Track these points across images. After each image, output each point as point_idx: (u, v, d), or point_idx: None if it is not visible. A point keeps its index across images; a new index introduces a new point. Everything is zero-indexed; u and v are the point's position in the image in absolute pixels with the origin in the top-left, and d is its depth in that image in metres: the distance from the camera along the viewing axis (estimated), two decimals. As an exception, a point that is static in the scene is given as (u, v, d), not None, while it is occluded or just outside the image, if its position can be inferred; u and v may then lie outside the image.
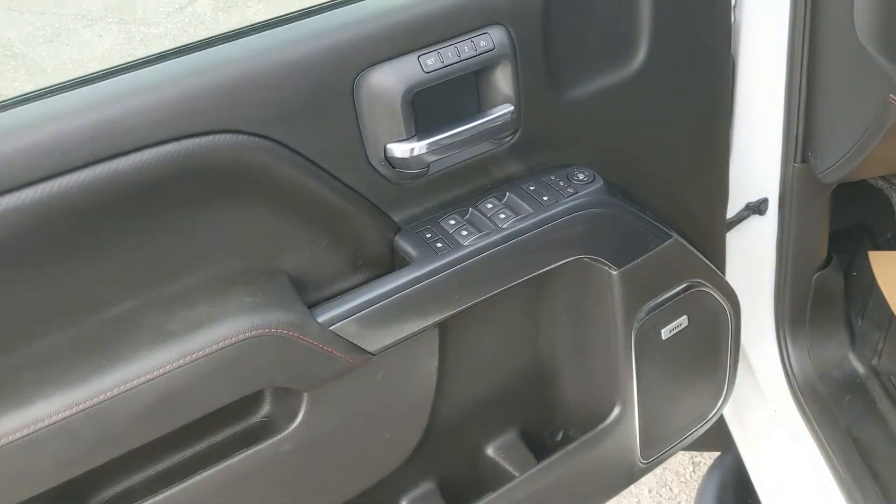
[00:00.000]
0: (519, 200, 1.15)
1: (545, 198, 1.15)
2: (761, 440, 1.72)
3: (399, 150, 1.05)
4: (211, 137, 0.93)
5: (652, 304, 1.28)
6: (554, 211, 1.13)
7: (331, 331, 1.01)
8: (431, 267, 1.07)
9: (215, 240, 1.00)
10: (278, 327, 0.97)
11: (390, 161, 1.06)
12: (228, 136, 0.94)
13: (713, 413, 1.49)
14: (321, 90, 0.98)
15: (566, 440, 1.42)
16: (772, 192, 1.56)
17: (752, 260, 1.60)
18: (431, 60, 1.02)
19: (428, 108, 1.06)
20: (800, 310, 1.62)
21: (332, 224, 1.07)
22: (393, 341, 1.06)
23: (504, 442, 1.38)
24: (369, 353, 1.05)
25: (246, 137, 0.95)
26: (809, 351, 1.62)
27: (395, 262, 1.13)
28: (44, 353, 0.93)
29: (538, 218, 1.13)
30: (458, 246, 1.09)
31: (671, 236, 1.26)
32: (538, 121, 1.15)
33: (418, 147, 1.04)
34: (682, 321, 1.33)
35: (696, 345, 1.38)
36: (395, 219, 1.12)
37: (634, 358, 1.29)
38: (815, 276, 1.59)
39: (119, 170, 0.89)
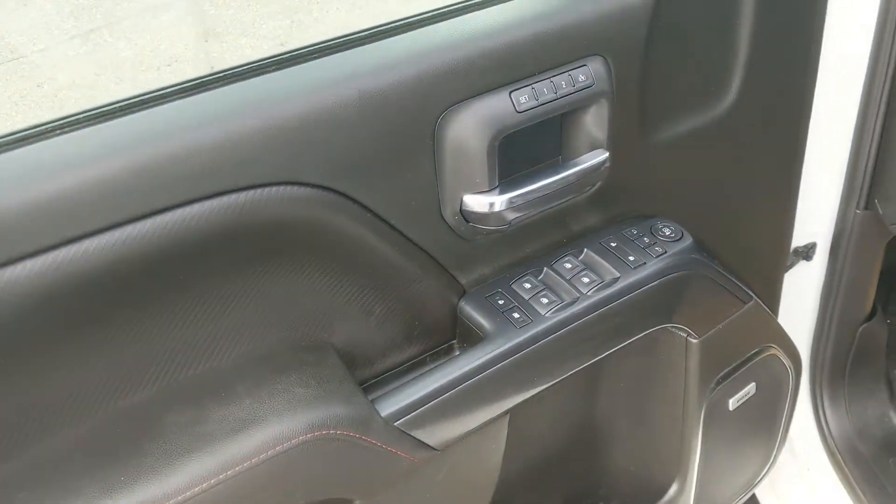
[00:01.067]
0: (600, 260, 0.98)
1: (631, 258, 0.98)
2: (789, 495, 1.60)
3: (478, 203, 0.86)
4: (264, 191, 0.73)
5: (725, 371, 1.13)
6: (642, 275, 0.97)
7: (396, 427, 0.82)
8: (510, 345, 0.89)
9: (255, 312, 0.80)
10: (339, 427, 0.78)
11: (465, 215, 0.87)
12: (286, 189, 0.74)
13: (760, 478, 1.36)
14: (398, 131, 0.79)
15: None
16: (822, 237, 1.43)
17: (792, 309, 1.47)
18: (525, 97, 0.84)
19: (506, 153, 0.88)
20: (840, 363, 1.50)
21: (392, 288, 0.88)
22: (461, 434, 0.88)
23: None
24: (434, 448, 0.86)
25: (307, 190, 0.76)
26: (847, 408, 1.51)
27: (458, 330, 0.95)
28: (42, 462, 0.71)
29: (626, 283, 0.96)
30: (539, 317, 0.91)
31: (752, 298, 1.11)
32: (625, 166, 0.98)
33: (500, 202, 0.86)
34: (751, 389, 1.19)
35: (760, 412, 1.24)
36: (461, 281, 0.93)
37: (701, 434, 1.14)
38: (860, 328, 1.48)
39: (141, 233, 0.69)
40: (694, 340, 1.06)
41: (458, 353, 0.96)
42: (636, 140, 0.98)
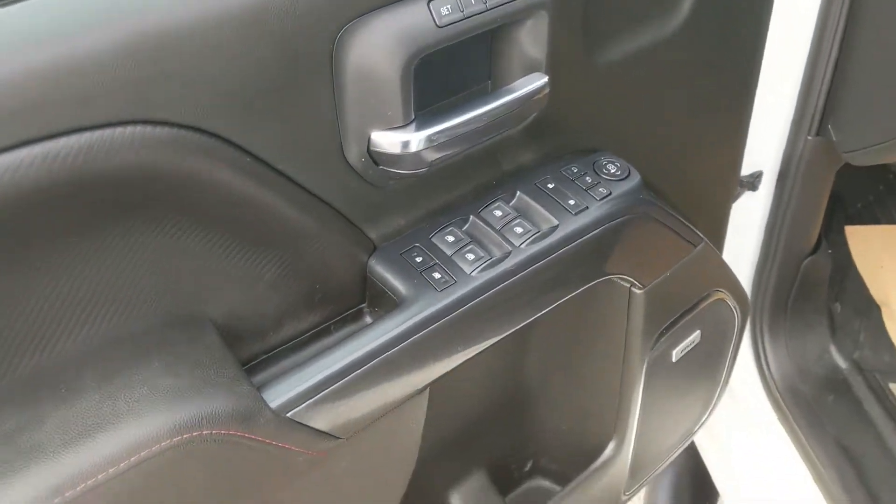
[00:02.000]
0: (536, 205, 0.83)
1: (571, 201, 0.83)
2: (728, 439, 1.53)
3: (389, 142, 0.70)
4: (105, 133, 0.55)
5: (670, 321, 1.01)
6: (584, 222, 0.83)
7: (288, 418, 0.68)
8: (429, 312, 0.74)
9: (108, 282, 0.63)
10: (216, 425, 0.63)
11: (374, 157, 0.71)
12: (139, 130, 0.57)
13: (698, 426, 1.27)
14: (285, 53, 0.61)
15: (540, 473, 1.16)
16: (768, 166, 1.32)
17: (735, 243, 1.36)
18: (447, 8, 0.67)
19: (424, 78, 0.72)
20: (781, 300, 1.41)
21: (284, 247, 0.71)
22: (370, 419, 0.74)
23: (471, 488, 1.09)
24: (337, 437, 0.72)
25: (166, 131, 0.58)
26: (787, 346, 1.42)
27: (368, 293, 0.80)
28: None
29: (565, 233, 0.81)
30: (463, 276, 0.77)
31: (701, 240, 0.99)
32: (566, 92, 0.83)
33: (416, 139, 0.70)
34: (696, 337, 1.08)
35: (703, 359, 1.14)
36: (371, 235, 0.77)
37: (642, 389, 1.03)
38: (804, 262, 1.38)
39: None
40: (638, 291, 0.93)
41: (368, 319, 0.81)
42: (578, 60, 0.82)
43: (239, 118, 0.61)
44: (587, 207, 0.83)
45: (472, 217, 0.81)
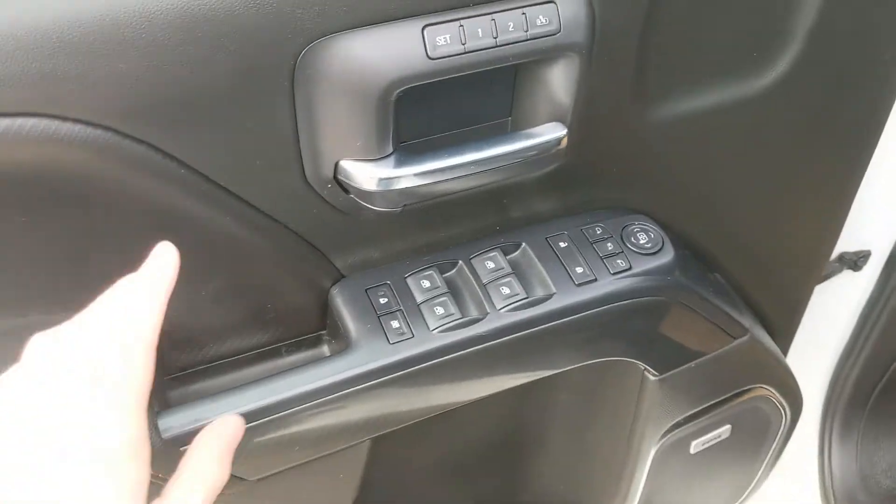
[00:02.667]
0: (538, 264, 0.73)
1: (578, 269, 0.72)
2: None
3: (360, 174, 0.61)
4: (11, 122, 0.50)
5: (690, 413, 0.89)
6: (585, 298, 0.72)
7: (181, 452, 0.62)
8: (374, 365, 0.66)
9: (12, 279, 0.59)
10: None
11: (343, 184, 0.63)
12: (58, 125, 0.51)
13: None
14: (237, 60, 0.54)
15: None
16: (878, 245, 1.14)
17: (821, 325, 1.19)
18: (445, 38, 0.57)
19: (421, 102, 0.62)
20: (861, 396, 1.24)
21: (230, 265, 0.65)
22: (284, 467, 0.67)
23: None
24: (245, 479, 0.66)
25: (79, 128, 0.52)
26: (858, 450, 1.25)
27: (329, 322, 0.72)
28: None
29: (560, 306, 0.71)
30: (423, 333, 0.68)
31: (746, 332, 0.85)
32: (599, 144, 0.71)
33: (391, 177, 0.61)
34: (724, 431, 0.95)
35: (731, 456, 1.01)
36: (337, 262, 0.70)
37: (647, 474, 0.92)
38: None
39: None
40: (653, 378, 0.81)
41: (325, 348, 0.74)
42: (624, 114, 0.70)
43: (174, 127, 0.54)
44: (594, 280, 0.72)
45: (460, 262, 0.72)
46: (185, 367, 0.70)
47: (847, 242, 1.13)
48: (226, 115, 0.55)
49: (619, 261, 0.73)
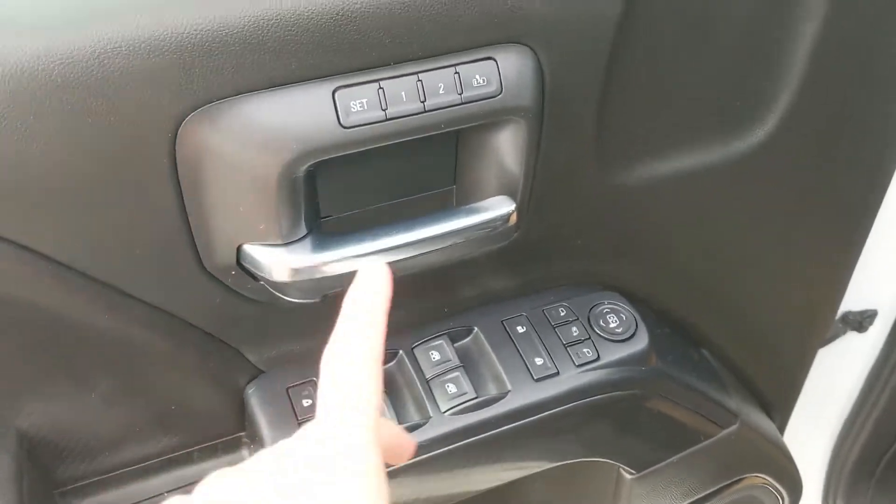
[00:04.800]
0: (491, 354, 0.63)
1: (538, 360, 0.62)
2: None
3: (269, 261, 0.51)
4: None
5: (673, 509, 0.78)
6: (545, 396, 0.61)
7: None
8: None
9: None
10: None
11: (249, 271, 0.53)
12: None
13: None
14: (98, 136, 0.44)
15: None
16: (885, 304, 1.04)
17: (822, 392, 1.09)
18: (361, 104, 0.47)
19: (341, 168, 0.53)
20: (869, 462, 1.13)
21: (117, 363, 0.55)
22: None
23: None
24: None
25: None
26: None
27: (247, 423, 0.62)
28: None
29: (517, 406, 0.61)
30: None
31: (735, 419, 0.75)
32: (559, 214, 0.61)
33: (310, 266, 0.51)
34: (713, 524, 0.84)
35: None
36: (251, 357, 0.60)
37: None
38: None
39: None
40: (630, 476, 0.71)
41: (245, 452, 0.64)
42: (585, 180, 0.60)
43: (30, 216, 0.45)
44: (556, 374, 0.62)
45: (400, 353, 0.62)
46: (78, 478, 0.60)
47: (851, 301, 1.03)
48: (93, 200, 0.46)
49: (585, 349, 0.63)
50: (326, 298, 0.54)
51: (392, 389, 0.60)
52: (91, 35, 0.41)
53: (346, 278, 0.53)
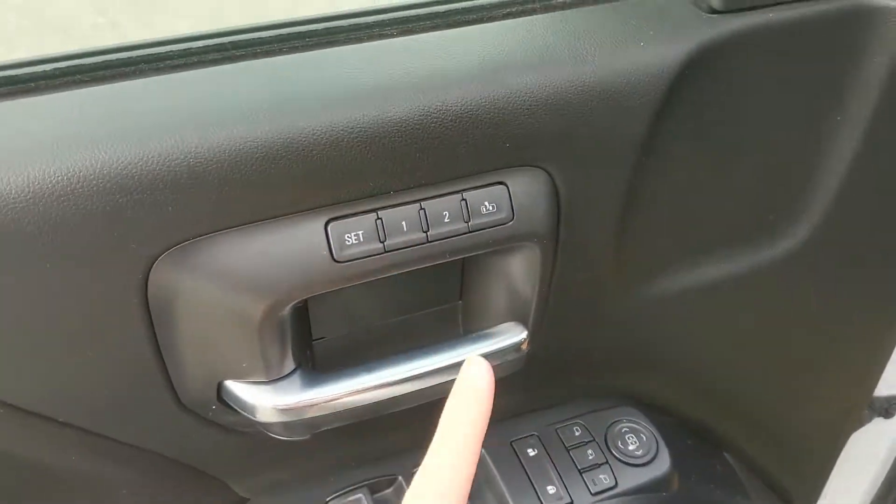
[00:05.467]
0: (499, 482, 0.57)
1: (550, 488, 0.57)
2: None
3: (252, 400, 0.46)
4: None
5: None
6: None
7: None
8: None
9: None
10: None
11: (232, 405, 0.48)
12: None
13: None
14: (66, 283, 0.39)
15: None
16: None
17: (849, 475, 1.03)
18: (356, 237, 0.42)
19: (333, 292, 0.48)
20: None
21: (95, 499, 0.50)
22: None
23: None
24: None
25: None
26: None
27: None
28: None
29: (526, 540, 0.55)
30: None
31: None
32: (575, 332, 0.56)
33: (297, 406, 0.46)
34: None
35: None
36: (236, 488, 0.55)
37: None
38: None
39: None
40: None
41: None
42: (603, 298, 0.55)
43: None
44: (571, 502, 0.56)
45: (399, 479, 0.57)
46: None
47: (877, 386, 0.97)
48: (62, 344, 0.41)
49: (602, 475, 0.58)
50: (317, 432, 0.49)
51: None
52: (49, 172, 0.36)
53: (341, 415, 0.48)
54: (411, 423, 0.56)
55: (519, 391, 0.60)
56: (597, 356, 0.59)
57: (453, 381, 0.49)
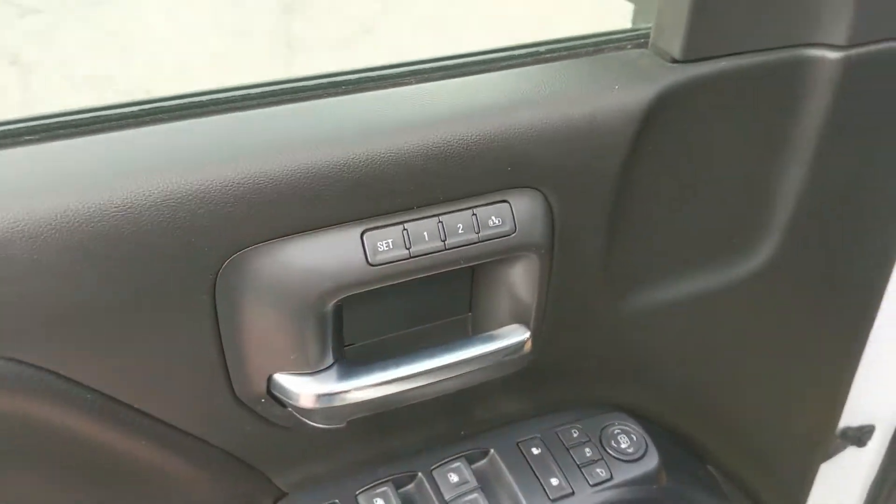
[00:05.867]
0: (507, 475, 0.65)
1: (553, 480, 0.64)
2: None
3: (295, 389, 0.54)
4: None
5: None
6: None
7: None
8: None
9: None
10: None
11: (279, 399, 0.56)
12: None
13: None
14: (142, 275, 0.48)
15: None
16: (882, 418, 1.05)
17: (819, 500, 1.09)
18: (387, 244, 0.51)
19: (366, 299, 0.56)
20: None
21: (154, 491, 0.57)
22: None
23: None
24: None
25: None
26: None
27: (269, 546, 0.64)
28: None
29: (537, 525, 0.62)
30: None
31: None
32: (570, 340, 0.65)
33: (332, 392, 0.54)
34: None
35: None
36: (277, 481, 0.62)
37: None
38: None
39: None
40: None
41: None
42: (594, 308, 0.64)
43: (66, 348, 0.48)
44: (572, 494, 0.64)
45: (419, 474, 0.64)
46: None
47: (850, 416, 1.05)
48: (135, 335, 0.49)
49: (598, 469, 0.65)
50: (351, 422, 0.57)
51: None
52: (135, 189, 0.45)
53: (371, 404, 0.56)
54: (429, 420, 0.65)
55: (522, 396, 0.67)
56: (590, 363, 0.68)
57: (466, 374, 0.58)
